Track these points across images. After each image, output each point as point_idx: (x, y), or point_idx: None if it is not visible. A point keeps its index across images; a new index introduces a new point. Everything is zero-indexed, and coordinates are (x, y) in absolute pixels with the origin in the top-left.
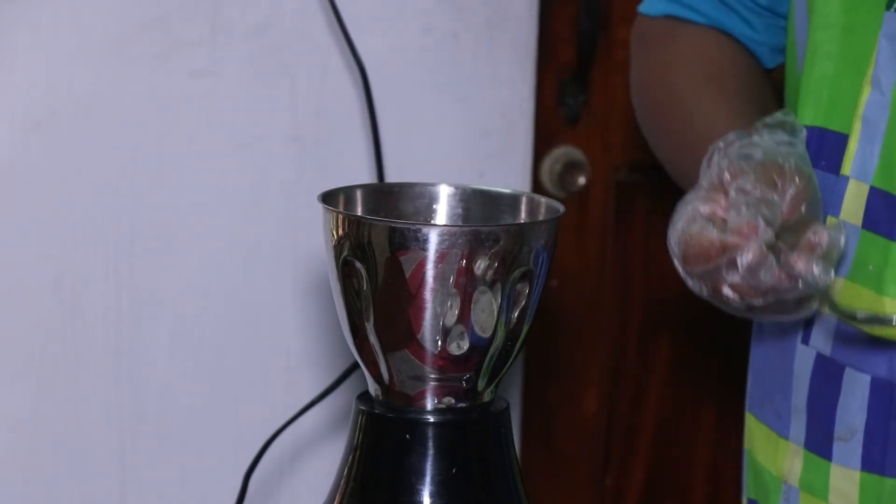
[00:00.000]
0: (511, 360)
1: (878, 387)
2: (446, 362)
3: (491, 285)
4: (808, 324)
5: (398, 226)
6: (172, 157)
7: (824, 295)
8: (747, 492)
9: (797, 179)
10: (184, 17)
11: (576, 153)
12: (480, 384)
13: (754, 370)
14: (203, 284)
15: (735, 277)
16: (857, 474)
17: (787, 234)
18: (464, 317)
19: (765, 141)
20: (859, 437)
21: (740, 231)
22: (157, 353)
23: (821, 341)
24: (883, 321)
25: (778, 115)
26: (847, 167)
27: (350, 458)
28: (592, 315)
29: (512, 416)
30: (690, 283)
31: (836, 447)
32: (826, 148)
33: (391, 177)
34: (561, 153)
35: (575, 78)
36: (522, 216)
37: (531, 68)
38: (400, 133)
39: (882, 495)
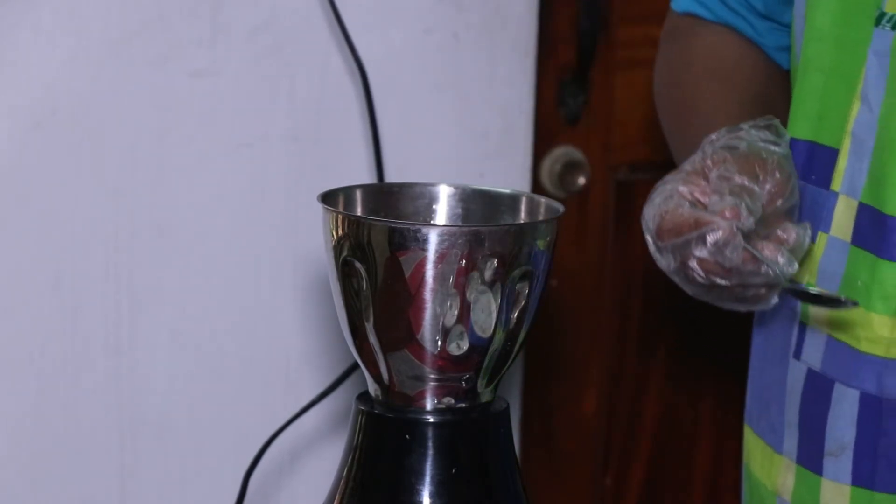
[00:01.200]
0: (511, 360)
1: (866, 402)
2: (446, 362)
3: (491, 285)
4: (801, 338)
5: (398, 226)
6: (172, 157)
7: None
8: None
9: (777, 174)
10: (184, 17)
11: (576, 153)
12: (480, 384)
13: (752, 383)
14: (203, 284)
15: (703, 252)
16: (847, 489)
17: (759, 226)
18: (463, 317)
19: (750, 136)
20: (849, 452)
21: (722, 214)
22: (157, 353)
23: (812, 356)
24: (835, 300)
25: (764, 120)
26: (837, 183)
27: (350, 458)
28: (592, 315)
29: (512, 416)
30: (659, 257)
31: (827, 462)
32: (816, 163)
33: (391, 177)
34: (561, 153)
35: (575, 78)
36: (522, 216)
37: (531, 68)
38: (400, 133)
39: None
